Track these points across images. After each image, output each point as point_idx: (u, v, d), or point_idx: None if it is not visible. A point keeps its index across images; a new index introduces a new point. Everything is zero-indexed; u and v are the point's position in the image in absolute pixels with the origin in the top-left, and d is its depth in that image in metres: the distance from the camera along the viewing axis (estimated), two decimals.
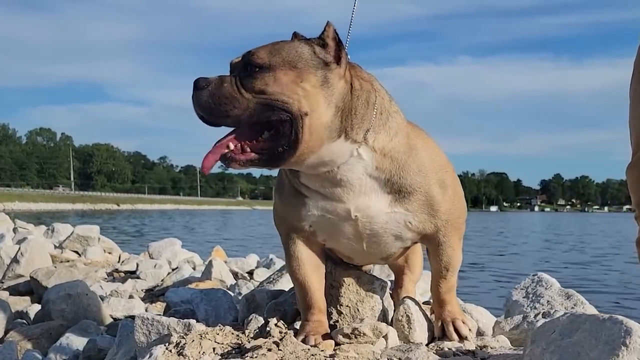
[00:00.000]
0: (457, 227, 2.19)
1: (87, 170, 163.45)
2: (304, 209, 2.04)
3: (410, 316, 2.20)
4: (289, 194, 2.08)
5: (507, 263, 14.42)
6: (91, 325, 3.60)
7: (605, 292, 9.85)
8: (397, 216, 2.04)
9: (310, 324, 2.13)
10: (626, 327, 1.46)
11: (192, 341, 1.94)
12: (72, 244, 7.07)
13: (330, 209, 2.01)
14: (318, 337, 2.05)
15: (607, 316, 1.54)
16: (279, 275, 3.55)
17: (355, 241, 2.11)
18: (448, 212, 2.11)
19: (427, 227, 2.09)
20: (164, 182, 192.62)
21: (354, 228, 2.05)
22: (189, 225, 36.92)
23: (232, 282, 5.15)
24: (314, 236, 2.12)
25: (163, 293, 5.06)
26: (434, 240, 2.16)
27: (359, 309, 2.24)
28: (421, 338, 2.20)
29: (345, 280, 2.28)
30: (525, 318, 2.42)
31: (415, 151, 2.00)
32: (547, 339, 1.63)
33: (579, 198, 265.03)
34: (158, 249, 6.93)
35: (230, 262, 6.33)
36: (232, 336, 2.05)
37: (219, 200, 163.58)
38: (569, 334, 1.59)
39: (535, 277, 2.77)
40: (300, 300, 2.20)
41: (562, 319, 1.66)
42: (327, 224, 2.05)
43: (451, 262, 2.21)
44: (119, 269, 6.28)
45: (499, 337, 2.27)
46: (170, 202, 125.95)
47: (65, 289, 3.94)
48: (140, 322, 2.17)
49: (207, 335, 2.00)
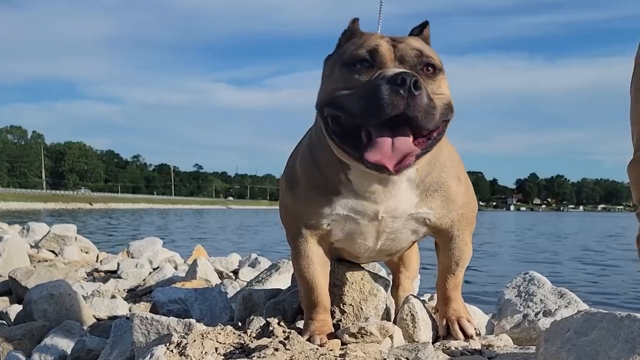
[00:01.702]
0: (471, 221, 2.18)
1: (59, 168, 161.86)
2: (328, 208, 1.99)
3: (415, 315, 2.18)
4: (310, 191, 2.01)
5: (488, 262, 14.49)
6: (75, 325, 3.54)
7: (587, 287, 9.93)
8: (419, 215, 2.03)
9: (315, 323, 2.10)
10: None
11: (194, 341, 1.89)
12: (48, 244, 6.97)
13: (359, 209, 1.97)
14: (323, 336, 2.02)
15: (625, 314, 1.53)
16: (268, 274, 3.51)
17: (371, 240, 2.08)
18: (464, 206, 2.11)
19: (444, 222, 2.08)
20: (138, 181, 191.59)
21: (375, 228, 2.03)
22: (164, 224, 36.69)
23: (217, 281, 5.09)
24: (328, 235, 2.07)
25: (146, 293, 5.01)
26: (448, 235, 2.14)
27: (362, 307, 2.21)
28: (426, 337, 2.18)
29: (349, 278, 2.25)
30: (526, 317, 2.41)
31: (440, 150, 1.96)
32: (562, 337, 1.61)
33: (554, 197, 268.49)
34: (139, 249, 6.86)
35: (215, 261, 6.27)
36: (234, 336, 2.01)
37: (194, 200, 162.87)
38: (585, 333, 1.57)
39: (526, 276, 2.76)
40: (305, 299, 2.16)
41: (577, 317, 1.64)
42: (348, 224, 2.02)
43: (462, 256, 2.20)
44: (99, 269, 6.19)
45: (501, 336, 2.26)
46: (144, 201, 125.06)
47: (48, 289, 3.87)
48: (139, 321, 2.12)
49: (208, 335, 1.95)
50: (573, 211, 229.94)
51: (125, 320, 2.45)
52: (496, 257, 16.14)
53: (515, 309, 2.62)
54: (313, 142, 2.00)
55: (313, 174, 2.00)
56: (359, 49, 1.77)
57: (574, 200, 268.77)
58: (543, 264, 14.20)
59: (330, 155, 1.91)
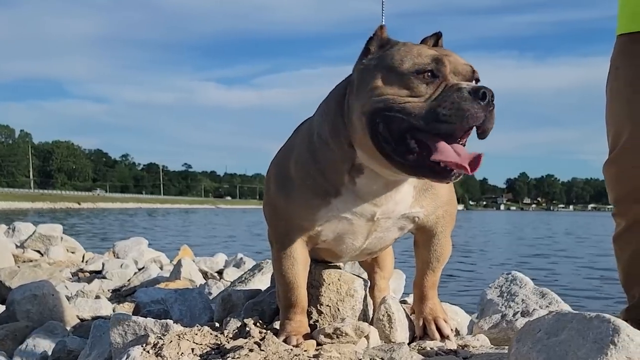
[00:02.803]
0: (453, 218, 2.22)
1: (47, 168, 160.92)
2: (325, 209, 1.99)
3: (392, 315, 2.19)
4: (305, 192, 2.00)
5: (474, 262, 14.52)
6: (58, 326, 3.53)
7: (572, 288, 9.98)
8: (411, 213, 2.07)
9: (292, 324, 2.10)
10: (614, 326, 1.46)
11: (170, 342, 1.89)
12: (34, 244, 6.94)
13: (357, 211, 1.99)
14: (300, 337, 2.03)
15: (594, 314, 1.54)
16: (251, 274, 3.51)
17: (360, 240, 2.11)
18: (448, 202, 2.15)
19: (431, 219, 2.11)
20: (126, 180, 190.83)
21: (368, 228, 2.05)
22: (153, 224, 36.56)
23: (202, 281, 5.09)
24: (317, 236, 2.08)
25: (130, 293, 4.99)
26: (431, 231, 2.17)
27: (339, 308, 2.22)
28: (402, 337, 2.19)
29: (326, 279, 2.26)
30: (504, 317, 2.42)
31: None
32: (533, 338, 1.62)
33: (544, 197, 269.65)
34: (124, 249, 6.85)
35: (199, 262, 6.27)
36: (210, 337, 2.01)
37: (183, 199, 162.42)
38: (555, 333, 1.58)
39: (509, 276, 2.76)
40: (284, 299, 2.15)
41: (548, 317, 1.66)
42: (341, 225, 2.03)
43: (444, 252, 2.23)
44: (84, 269, 6.18)
45: (479, 336, 2.27)
46: (133, 201, 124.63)
47: (31, 289, 3.86)
48: (116, 322, 2.12)
49: (185, 336, 1.96)
50: (563, 210, 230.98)
51: (104, 321, 2.45)
52: (484, 257, 16.20)
53: (497, 309, 2.63)
54: (315, 144, 1.99)
55: (312, 175, 1.99)
56: (421, 58, 1.78)
57: (564, 199, 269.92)
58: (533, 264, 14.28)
59: (335, 157, 1.93)
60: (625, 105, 2.62)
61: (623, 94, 2.63)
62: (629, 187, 2.67)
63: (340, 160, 1.92)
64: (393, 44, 1.86)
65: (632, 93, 2.58)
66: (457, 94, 1.70)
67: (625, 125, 2.63)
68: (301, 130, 2.14)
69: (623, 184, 2.70)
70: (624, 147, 2.64)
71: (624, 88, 2.63)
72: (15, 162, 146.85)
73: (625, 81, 2.62)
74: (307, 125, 2.09)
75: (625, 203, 2.71)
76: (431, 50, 1.82)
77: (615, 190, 2.76)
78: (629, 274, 2.78)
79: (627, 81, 2.61)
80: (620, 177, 2.71)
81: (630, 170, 2.64)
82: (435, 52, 1.82)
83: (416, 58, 1.78)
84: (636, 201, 2.64)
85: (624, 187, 2.70)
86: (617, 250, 2.82)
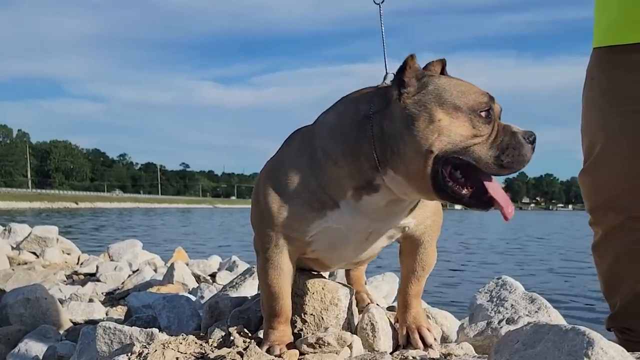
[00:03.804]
0: (439, 227, 2.22)
1: (45, 167, 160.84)
2: (319, 221, 1.98)
3: (375, 324, 2.19)
4: (299, 205, 1.98)
5: (472, 264, 14.54)
6: (50, 330, 3.55)
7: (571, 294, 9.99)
8: (402, 224, 2.08)
9: (275, 333, 2.11)
10: (588, 339, 1.47)
11: (155, 351, 1.91)
12: (29, 245, 6.95)
13: (353, 224, 1.99)
14: (283, 346, 2.03)
15: (570, 327, 1.55)
16: (242, 279, 3.51)
17: (351, 250, 2.11)
18: (436, 212, 2.16)
19: (419, 229, 2.12)
20: (124, 180, 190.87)
21: (360, 239, 2.06)
22: (149, 225, 36.52)
23: (195, 285, 5.09)
24: (306, 246, 2.07)
25: (124, 296, 5.00)
26: (418, 241, 2.17)
27: (323, 317, 2.23)
28: (385, 346, 2.20)
29: (310, 288, 2.27)
30: (489, 324, 2.42)
31: None
32: (511, 349, 1.64)
33: (543, 196, 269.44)
34: (118, 251, 6.85)
35: (192, 265, 6.26)
36: (195, 345, 2.03)
37: (180, 199, 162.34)
38: (532, 345, 1.59)
39: (499, 281, 2.77)
40: (268, 308, 2.15)
41: (526, 328, 1.67)
42: (333, 237, 2.03)
43: (429, 261, 2.23)
44: (79, 271, 6.18)
45: (463, 344, 2.26)
46: (130, 201, 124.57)
47: (24, 293, 3.88)
48: (102, 331, 2.14)
49: (170, 345, 1.97)
50: (562, 210, 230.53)
51: (92, 328, 2.46)
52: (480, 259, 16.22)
53: (486, 314, 2.64)
54: (318, 160, 1.96)
55: (311, 189, 1.97)
56: (479, 96, 1.81)
57: (563, 199, 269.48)
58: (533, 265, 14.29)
59: (341, 175, 1.92)
60: (599, 116, 2.68)
61: (597, 105, 2.69)
62: (604, 197, 2.73)
63: (348, 178, 1.91)
64: (429, 76, 1.86)
65: (606, 104, 2.64)
66: (514, 139, 1.79)
67: (599, 135, 2.69)
68: (296, 141, 2.10)
69: (598, 193, 2.76)
70: (598, 157, 2.70)
71: (598, 98, 2.68)
72: (13, 161, 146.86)
73: (600, 92, 2.68)
74: (305, 138, 2.05)
75: (601, 212, 2.77)
76: (478, 87, 1.86)
77: (591, 200, 2.81)
78: (608, 282, 2.82)
79: (602, 92, 2.67)
80: (595, 186, 2.77)
81: (604, 180, 2.70)
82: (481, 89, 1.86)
83: (476, 96, 1.81)
84: (612, 209, 2.69)
85: (599, 197, 2.76)
86: (596, 259, 2.86)
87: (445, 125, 1.77)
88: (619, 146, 2.61)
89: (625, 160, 2.60)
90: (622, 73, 2.57)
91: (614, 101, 2.61)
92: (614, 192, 2.67)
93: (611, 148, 2.64)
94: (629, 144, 2.58)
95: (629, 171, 2.60)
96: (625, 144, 2.59)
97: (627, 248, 2.69)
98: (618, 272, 2.75)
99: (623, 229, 2.69)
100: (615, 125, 2.61)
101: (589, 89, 2.75)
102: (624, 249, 2.70)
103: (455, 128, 1.77)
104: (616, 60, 2.61)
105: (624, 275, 2.73)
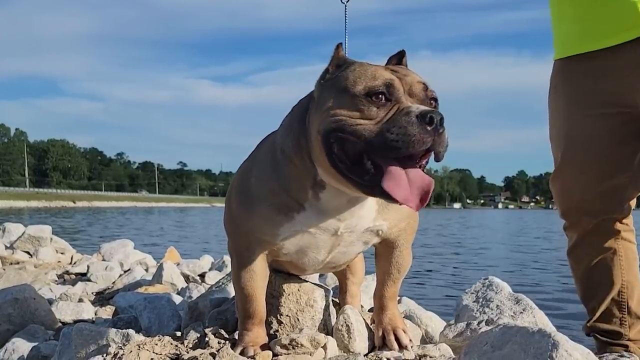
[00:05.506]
0: (414, 230, 2.24)
1: (42, 166, 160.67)
2: (287, 224, 1.99)
3: (350, 326, 2.20)
4: (267, 209, 2.00)
5: (462, 265, 14.51)
6: (39, 330, 3.56)
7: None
8: (375, 227, 2.08)
9: (250, 334, 2.12)
10: (553, 341, 1.50)
11: (130, 352, 1.92)
12: (23, 245, 6.94)
13: (320, 225, 2.00)
14: (257, 347, 2.05)
15: (537, 329, 1.57)
16: (228, 280, 3.52)
17: (323, 254, 2.12)
18: (411, 215, 2.16)
19: (394, 231, 2.13)
20: (121, 178, 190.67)
21: (331, 242, 2.06)
22: (146, 224, 36.49)
23: (184, 285, 5.09)
24: (278, 249, 2.09)
25: (113, 296, 4.99)
26: (393, 244, 2.18)
27: (299, 318, 2.24)
28: (361, 348, 2.20)
29: (286, 289, 2.28)
30: (469, 325, 2.42)
31: None
32: (480, 350, 1.66)
33: (543, 195, 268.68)
34: (110, 250, 6.83)
35: (182, 265, 6.25)
36: (170, 346, 2.04)
37: (178, 197, 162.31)
38: (499, 346, 1.61)
39: (486, 281, 2.79)
40: (242, 310, 2.17)
41: (495, 330, 1.69)
42: (304, 240, 2.04)
43: (404, 264, 2.25)
44: (70, 271, 6.17)
45: (440, 345, 2.26)
46: (128, 199, 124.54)
47: (12, 293, 3.88)
48: (77, 332, 2.15)
49: (145, 346, 1.98)
50: None
51: (72, 328, 2.47)
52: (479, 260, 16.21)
53: (471, 314, 2.65)
54: (278, 160, 1.99)
55: (275, 191, 1.99)
56: (372, 80, 1.79)
57: None
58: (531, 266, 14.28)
59: (299, 173, 1.93)
60: (564, 122, 2.74)
61: (561, 111, 2.76)
62: (574, 200, 2.78)
63: (304, 176, 1.93)
64: (349, 63, 1.88)
65: (569, 111, 2.71)
66: (404, 118, 1.70)
67: (561, 141, 2.77)
68: (264, 144, 2.14)
69: (568, 198, 2.80)
70: (562, 162, 2.77)
71: (562, 106, 2.75)
72: (10, 160, 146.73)
73: (564, 99, 2.75)
74: (271, 140, 2.09)
75: (574, 216, 2.81)
76: (386, 72, 1.84)
77: (563, 205, 2.85)
78: (585, 287, 2.85)
79: (565, 99, 2.74)
80: (565, 191, 2.82)
81: (572, 184, 2.76)
82: (390, 73, 1.83)
83: (369, 80, 1.79)
84: (586, 213, 2.74)
85: (570, 201, 2.80)
86: (573, 264, 2.89)
87: (332, 107, 1.80)
88: (578, 151, 2.69)
89: (587, 165, 2.68)
90: (582, 80, 2.65)
91: (575, 107, 2.68)
92: (583, 196, 2.73)
93: (572, 153, 2.72)
94: (586, 148, 2.66)
95: (594, 175, 2.67)
96: (583, 149, 2.68)
97: (602, 252, 2.73)
98: (594, 276, 2.78)
99: (597, 233, 2.73)
100: (575, 130, 2.69)
101: (553, 97, 2.84)
102: (599, 253, 2.74)
103: (341, 110, 1.78)
104: (576, 69, 2.69)
105: (600, 280, 2.76)
